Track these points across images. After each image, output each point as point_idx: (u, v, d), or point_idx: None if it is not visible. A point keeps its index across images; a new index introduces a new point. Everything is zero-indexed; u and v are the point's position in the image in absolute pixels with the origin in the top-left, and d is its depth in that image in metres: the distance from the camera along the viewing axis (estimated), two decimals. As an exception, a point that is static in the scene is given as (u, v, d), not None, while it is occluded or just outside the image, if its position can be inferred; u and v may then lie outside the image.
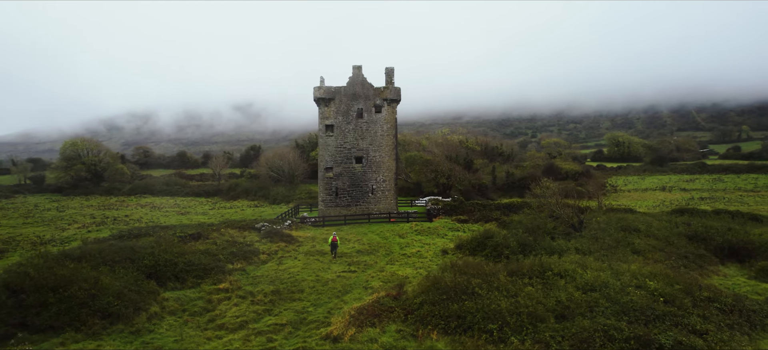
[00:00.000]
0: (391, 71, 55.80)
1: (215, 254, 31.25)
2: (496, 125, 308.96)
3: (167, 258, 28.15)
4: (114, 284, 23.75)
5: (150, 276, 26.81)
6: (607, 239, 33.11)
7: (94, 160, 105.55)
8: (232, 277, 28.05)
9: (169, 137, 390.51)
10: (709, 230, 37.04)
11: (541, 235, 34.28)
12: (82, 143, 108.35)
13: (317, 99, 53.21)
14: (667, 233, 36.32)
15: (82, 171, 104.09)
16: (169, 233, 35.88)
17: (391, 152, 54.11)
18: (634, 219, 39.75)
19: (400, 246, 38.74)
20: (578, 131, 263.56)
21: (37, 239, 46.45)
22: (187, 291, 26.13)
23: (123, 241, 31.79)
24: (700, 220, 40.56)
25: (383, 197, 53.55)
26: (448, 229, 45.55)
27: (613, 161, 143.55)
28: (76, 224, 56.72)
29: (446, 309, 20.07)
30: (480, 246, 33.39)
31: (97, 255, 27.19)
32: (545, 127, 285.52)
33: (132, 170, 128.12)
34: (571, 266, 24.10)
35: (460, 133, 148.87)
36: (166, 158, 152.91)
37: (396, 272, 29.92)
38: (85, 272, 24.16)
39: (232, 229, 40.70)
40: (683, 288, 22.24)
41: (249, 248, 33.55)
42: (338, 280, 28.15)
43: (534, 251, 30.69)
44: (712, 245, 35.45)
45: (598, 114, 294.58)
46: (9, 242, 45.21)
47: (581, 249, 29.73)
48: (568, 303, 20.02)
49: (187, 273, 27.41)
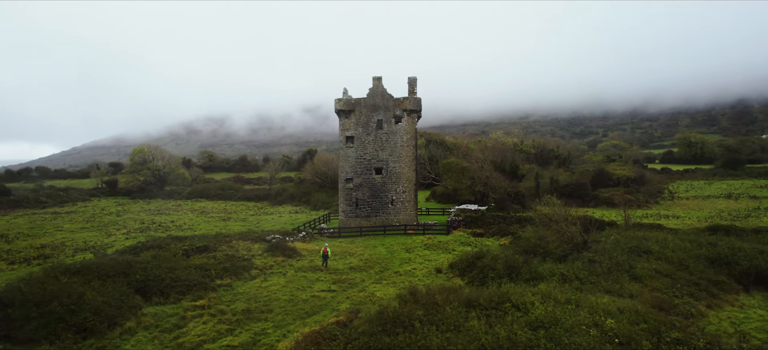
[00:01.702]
0: (414, 81, 55.48)
1: (208, 269, 32.75)
2: (565, 124, 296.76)
3: (157, 274, 29.93)
4: (97, 299, 25.66)
5: (139, 290, 28.66)
6: (606, 262, 31.03)
7: (158, 165, 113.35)
8: (213, 294, 29.33)
9: (242, 140, 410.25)
10: (736, 252, 33.67)
11: (534, 256, 32.77)
12: (148, 150, 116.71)
13: (338, 111, 54.00)
14: (683, 255, 33.41)
15: (148, 176, 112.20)
16: (179, 246, 38.01)
17: (410, 163, 53.80)
18: (652, 238, 36.90)
19: (401, 262, 38.55)
20: (653, 130, 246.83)
21: (83, 245, 50.83)
22: (167, 306, 27.66)
23: (124, 255, 34.08)
24: (730, 240, 36.84)
25: (403, 208, 53.37)
26: (460, 244, 44.61)
27: (685, 164, 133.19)
28: (123, 230, 61.38)
29: (379, 342, 19.85)
30: (469, 267, 32.53)
31: (95, 269, 29.43)
32: (618, 125, 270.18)
33: (196, 174, 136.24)
34: (533, 297, 22.93)
35: (515, 134, 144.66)
36: (229, 162, 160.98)
37: (375, 293, 29.90)
38: (74, 287, 26.30)
39: (244, 241, 42.36)
40: (650, 328, 20.52)
41: (244, 263, 34.82)
42: (312, 300, 28.59)
43: (521, 275, 29.50)
44: (736, 270, 32.20)
45: (676, 111, 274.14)
46: (58, 247, 49.87)
47: (567, 276, 28.10)
48: (506, 343, 19.13)
49: (172, 289, 28.98)
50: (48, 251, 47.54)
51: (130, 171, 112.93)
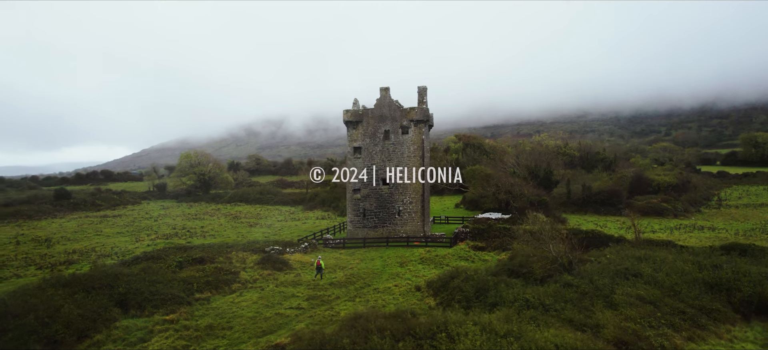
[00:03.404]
0: (424, 90, 55.02)
1: (191, 282, 34.15)
2: (625, 123, 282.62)
3: (137, 287, 31.60)
4: (73, 312, 27.51)
5: (119, 303, 30.40)
6: (585, 286, 29.47)
7: (203, 170, 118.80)
8: (186, 308, 30.57)
9: (298, 141, 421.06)
10: (739, 276, 31.04)
11: (517, 277, 31.67)
12: (195, 155, 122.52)
13: (346, 122, 54.46)
14: (677, 279, 31.11)
15: (194, 180, 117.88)
16: (175, 258, 39.82)
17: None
18: (651, 258, 34.60)
19: (388, 277, 38.44)
20: (723, 128, 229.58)
21: (108, 251, 54.27)
22: (141, 319, 29.16)
23: (119, 267, 36.13)
24: (739, 261, 33.78)
25: (409, 219, 53.05)
26: (457, 258, 43.81)
27: (749, 166, 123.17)
28: (153, 235, 64.96)
29: (297, 369, 20.06)
30: (443, 287, 31.96)
31: (84, 282, 31.50)
32: (683, 123, 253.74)
33: (243, 178, 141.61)
34: (474, 327, 22.26)
35: (559, 137, 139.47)
36: (276, 165, 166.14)
37: (341, 312, 30.03)
38: (54, 299, 28.34)
39: (243, 252, 43.75)
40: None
41: (228, 277, 36.00)
42: (274, 318, 29.16)
43: (487, 298, 28.68)
44: (737, 297, 29.75)
45: (751, 107, 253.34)
46: (86, 253, 53.44)
47: (531, 302, 26.93)
48: (419, 376, 18.76)
49: (148, 302, 30.50)
50: (75, 256, 51.17)
51: (178, 175, 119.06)
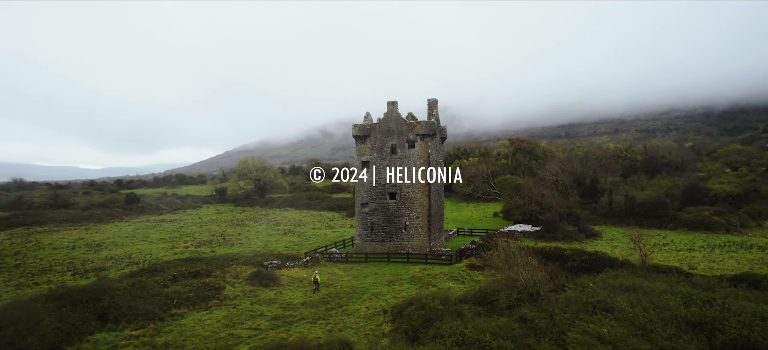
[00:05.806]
0: (434, 103, 54.31)
1: (173, 297, 36.29)
2: (716, 120, 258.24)
3: (119, 301, 34.16)
4: (52, 324, 30.38)
5: (100, 316, 33.09)
6: (539, 320, 27.80)
7: (259, 175, 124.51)
8: (157, 324, 32.57)
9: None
10: (727, 314, 27.81)
11: (485, 305, 30.60)
12: (252, 161, 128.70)
13: (355, 136, 54.96)
14: (654, 316, 28.41)
15: (250, 185, 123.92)
16: (171, 272, 42.47)
17: (424, 188, 52.63)
18: (634, 287, 31.83)
19: (370, 296, 38.54)
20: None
21: (138, 259, 58.69)
22: (113, 333, 31.54)
23: (117, 282, 39.17)
24: (734, 297, 30.04)
25: (416, 234, 52.53)
26: (449, 278, 42.80)
27: None
28: (190, 242, 69.33)
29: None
30: (400, 313, 31.53)
31: (75, 295, 34.59)
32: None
33: (300, 182, 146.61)
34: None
35: (622, 139, 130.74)
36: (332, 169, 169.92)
37: (293, 335, 30.60)
38: (40, 312, 31.43)
39: (242, 265, 45.73)
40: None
41: (210, 293, 37.80)
42: (227, 339, 30.30)
43: (429, 330, 27.99)
44: (719, 339, 26.72)
45: None
46: (119, 260, 58.01)
47: (468, 338, 25.82)
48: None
49: (124, 317, 32.88)
50: (109, 263, 55.93)
51: (235, 180, 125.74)
